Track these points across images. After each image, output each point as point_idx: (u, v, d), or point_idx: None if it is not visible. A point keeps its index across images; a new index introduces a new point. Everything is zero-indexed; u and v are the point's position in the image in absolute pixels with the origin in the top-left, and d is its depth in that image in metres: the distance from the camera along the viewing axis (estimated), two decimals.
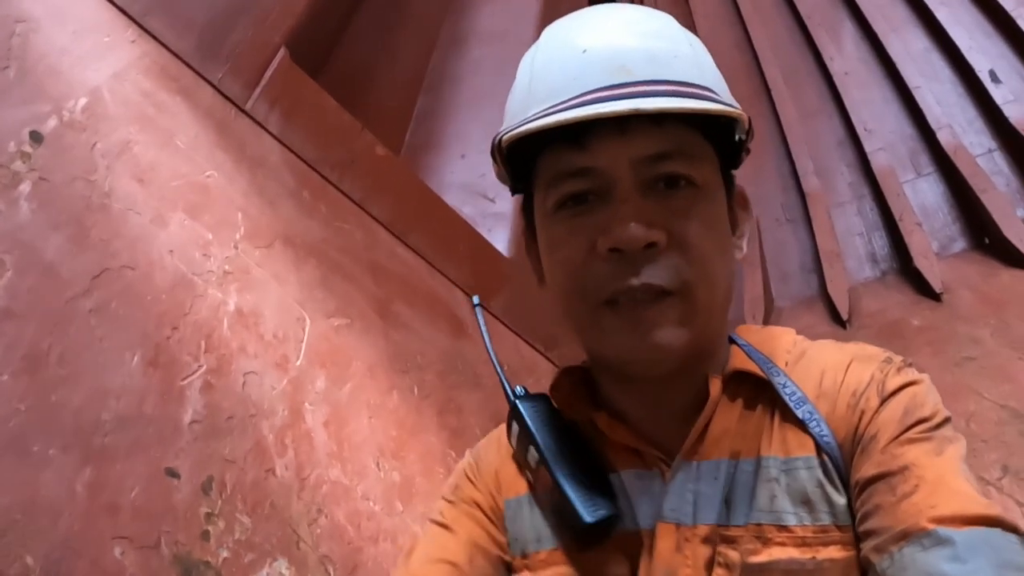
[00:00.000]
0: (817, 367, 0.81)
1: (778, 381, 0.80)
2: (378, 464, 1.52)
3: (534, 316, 2.46)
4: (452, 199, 2.46)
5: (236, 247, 1.52)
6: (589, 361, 0.89)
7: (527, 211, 0.88)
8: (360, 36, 2.48)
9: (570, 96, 0.75)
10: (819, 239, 3.69)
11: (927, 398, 0.76)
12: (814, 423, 0.77)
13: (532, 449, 0.83)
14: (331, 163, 1.92)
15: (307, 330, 1.61)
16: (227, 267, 1.47)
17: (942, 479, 0.68)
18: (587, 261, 0.76)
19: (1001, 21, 3.91)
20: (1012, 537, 0.64)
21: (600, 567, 0.80)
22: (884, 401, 0.76)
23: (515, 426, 0.86)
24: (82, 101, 1.30)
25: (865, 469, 0.72)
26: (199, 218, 1.44)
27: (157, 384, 1.20)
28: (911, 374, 0.79)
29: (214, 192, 1.51)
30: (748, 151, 0.86)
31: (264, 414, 1.38)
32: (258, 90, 1.67)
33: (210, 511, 1.13)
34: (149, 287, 1.28)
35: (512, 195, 0.90)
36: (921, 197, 3.71)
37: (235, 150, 1.59)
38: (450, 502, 0.91)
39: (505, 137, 0.78)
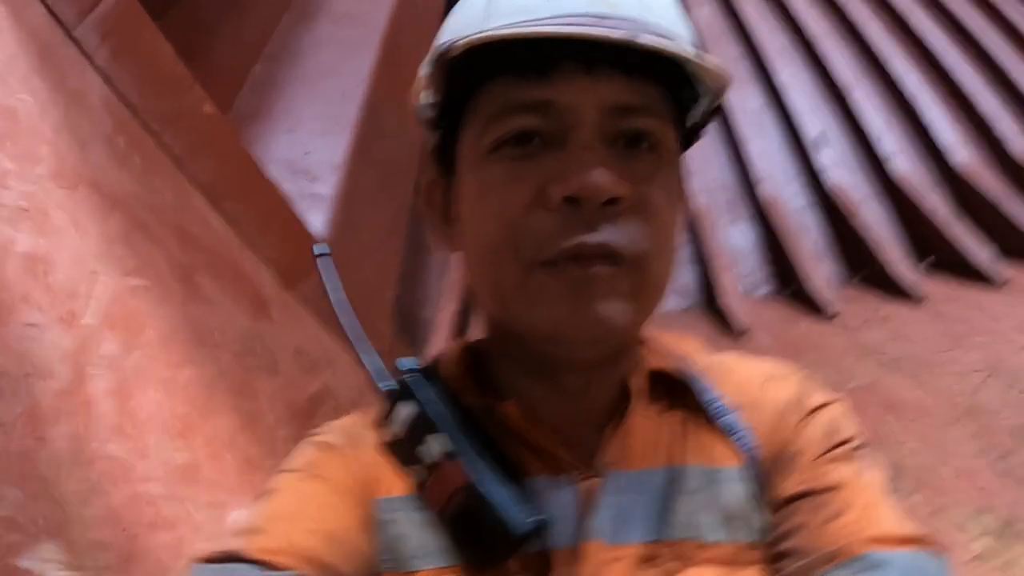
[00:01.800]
0: (733, 378, 0.76)
1: (698, 386, 0.74)
2: (163, 444, 1.41)
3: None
4: (273, 174, 2.34)
5: (36, 183, 1.36)
6: (488, 341, 0.76)
7: (442, 154, 0.75)
8: None
9: (544, 16, 0.63)
10: None
11: (846, 419, 0.74)
12: (739, 434, 0.72)
13: (432, 440, 0.68)
14: (155, 113, 1.77)
15: (101, 287, 1.47)
16: (23, 203, 1.32)
17: (870, 501, 0.66)
18: (528, 212, 0.64)
19: (836, 92, 4.30)
20: (941, 559, 0.64)
21: None
22: (805, 418, 0.73)
23: (400, 409, 0.71)
24: None
25: (787, 486, 0.69)
26: (1, 146, 1.28)
27: None
28: (828, 394, 0.76)
29: (23, 119, 1.34)
30: (700, 136, 0.77)
31: (41, 374, 1.24)
32: (91, 17, 1.51)
33: None
34: None
35: (432, 129, 0.76)
36: (734, 241, 3.98)
37: (54, 79, 1.43)
38: (301, 478, 0.71)
39: (460, 44, 0.64)
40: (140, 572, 1.19)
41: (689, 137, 0.75)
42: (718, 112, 0.74)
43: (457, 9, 0.73)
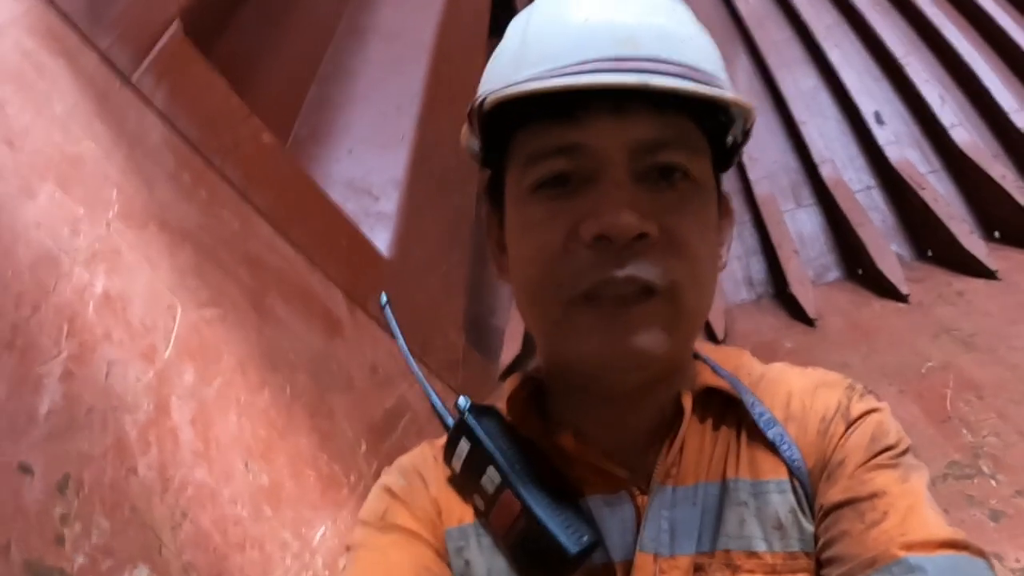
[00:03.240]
0: (783, 390, 0.79)
1: (747, 400, 0.76)
2: (246, 466, 1.45)
3: (411, 321, 2.42)
4: (336, 194, 2.39)
5: (108, 226, 1.42)
6: (543, 368, 0.81)
7: (493, 190, 0.80)
8: (257, 18, 2.38)
9: (568, 63, 0.67)
10: None
11: (891, 425, 0.75)
12: (785, 446, 0.74)
13: (491, 471, 0.72)
14: (215, 147, 1.83)
15: (177, 320, 1.52)
16: (97, 246, 1.37)
17: (911, 507, 0.67)
18: (566, 248, 0.68)
19: (889, 66, 4.18)
20: (980, 562, 0.65)
21: None
22: (850, 427, 0.74)
23: (462, 445, 0.76)
24: None
25: (831, 495, 0.71)
26: (71, 192, 1.34)
27: (12, 369, 1.10)
28: (873, 401, 0.78)
29: (89, 165, 1.40)
30: (740, 154, 0.80)
31: (127, 408, 1.29)
32: (146, 62, 1.57)
33: (65, 512, 1.04)
34: (10, 262, 1.17)
35: (481, 167, 0.82)
36: (800, 226, 3.90)
37: (115, 123, 1.49)
38: (378, 529, 0.77)
39: (490, 99, 0.69)
40: None
41: (731, 153, 0.79)
42: (750, 131, 0.78)
43: (494, 56, 0.78)
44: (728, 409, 0.77)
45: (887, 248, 3.56)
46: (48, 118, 1.32)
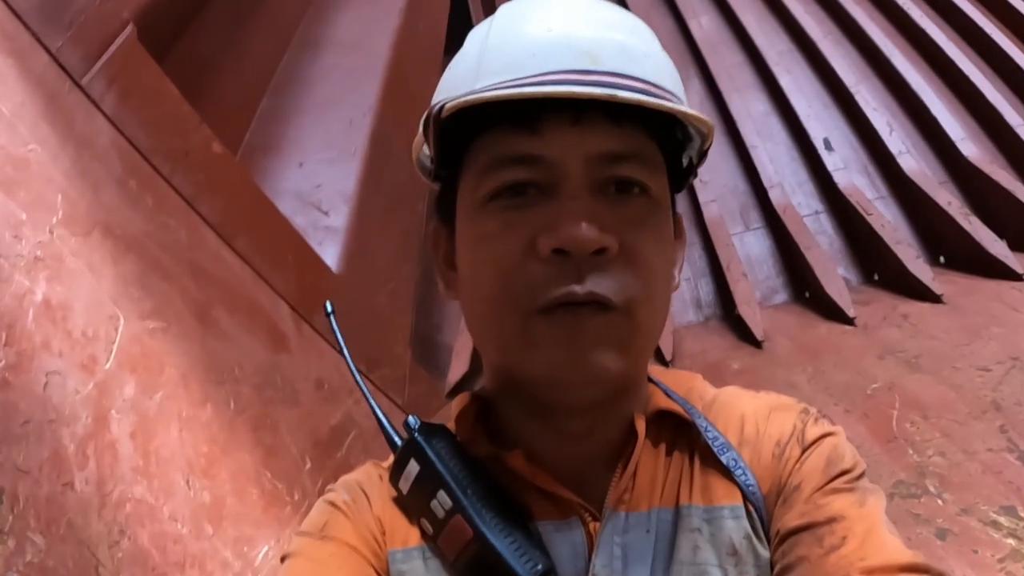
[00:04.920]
0: (736, 414, 0.77)
1: (700, 424, 0.75)
2: (187, 482, 1.41)
3: (358, 336, 2.39)
4: (285, 207, 2.36)
5: (51, 232, 1.38)
6: (492, 387, 0.78)
7: (443, 205, 0.77)
8: (211, 25, 2.35)
9: (528, 74, 0.66)
10: None
11: (846, 450, 0.74)
12: (740, 471, 0.73)
13: (441, 495, 0.70)
14: (163, 154, 1.79)
15: (120, 330, 1.48)
16: (39, 252, 1.33)
17: (869, 531, 0.67)
18: (522, 261, 0.66)
19: (840, 94, 4.29)
20: None
21: None
22: (805, 451, 0.73)
23: (411, 465, 0.73)
24: None
25: (788, 519, 0.69)
26: (14, 195, 1.30)
27: None
28: (827, 425, 0.77)
29: (34, 168, 1.36)
30: (696, 174, 0.80)
31: (65, 420, 1.25)
32: (98, 65, 1.53)
33: None
34: None
35: (432, 180, 0.79)
36: (748, 249, 3.97)
37: (63, 126, 1.45)
38: (318, 539, 0.73)
39: (448, 106, 0.66)
40: None
41: (687, 173, 0.78)
42: (707, 153, 0.77)
43: (452, 65, 0.76)
44: (680, 433, 0.76)
45: (834, 272, 3.64)
46: None
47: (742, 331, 3.50)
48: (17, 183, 1.31)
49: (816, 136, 4.16)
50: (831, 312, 3.45)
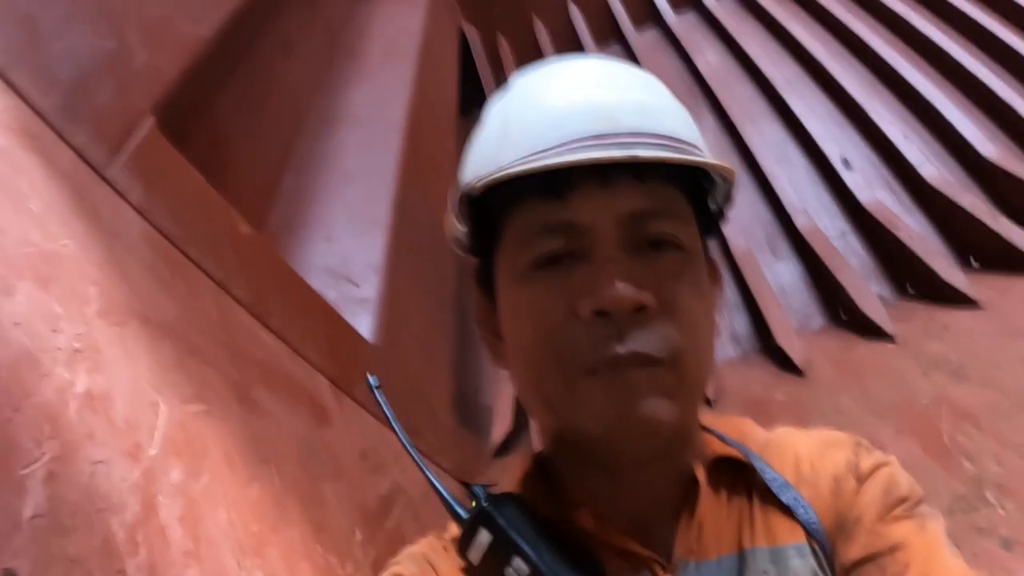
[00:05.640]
0: (790, 453, 0.78)
1: (758, 465, 0.76)
2: (239, 563, 1.40)
3: (398, 404, 2.37)
4: (316, 282, 2.38)
5: (88, 323, 1.39)
6: (549, 448, 0.80)
7: (483, 278, 0.81)
8: (228, 108, 2.41)
9: (551, 145, 0.68)
10: None
11: (902, 478, 0.75)
12: (802, 509, 0.73)
13: (517, 562, 0.70)
14: (192, 239, 1.82)
15: (161, 416, 1.48)
16: (77, 344, 1.34)
17: (931, 556, 0.67)
18: (565, 324, 0.69)
19: (852, 111, 4.28)
20: None
21: None
22: (862, 483, 0.74)
23: (481, 535, 0.73)
24: None
25: (851, 552, 0.70)
26: (49, 289, 1.31)
27: None
28: (881, 456, 0.78)
29: (67, 262, 1.38)
30: (725, 217, 0.83)
31: (113, 508, 1.24)
32: (121, 157, 1.57)
33: None
34: None
35: (468, 255, 0.83)
36: (780, 278, 3.92)
37: (92, 219, 1.48)
38: None
39: (479, 185, 0.70)
40: None
41: (715, 218, 0.83)
42: (732, 196, 0.81)
43: (475, 143, 0.79)
44: (738, 478, 0.77)
45: (868, 290, 3.59)
46: (25, 216, 1.31)
47: (782, 361, 3.44)
48: (52, 279, 1.33)
49: (834, 156, 4.13)
50: (869, 331, 3.39)
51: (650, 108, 0.73)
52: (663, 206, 0.72)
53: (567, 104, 0.72)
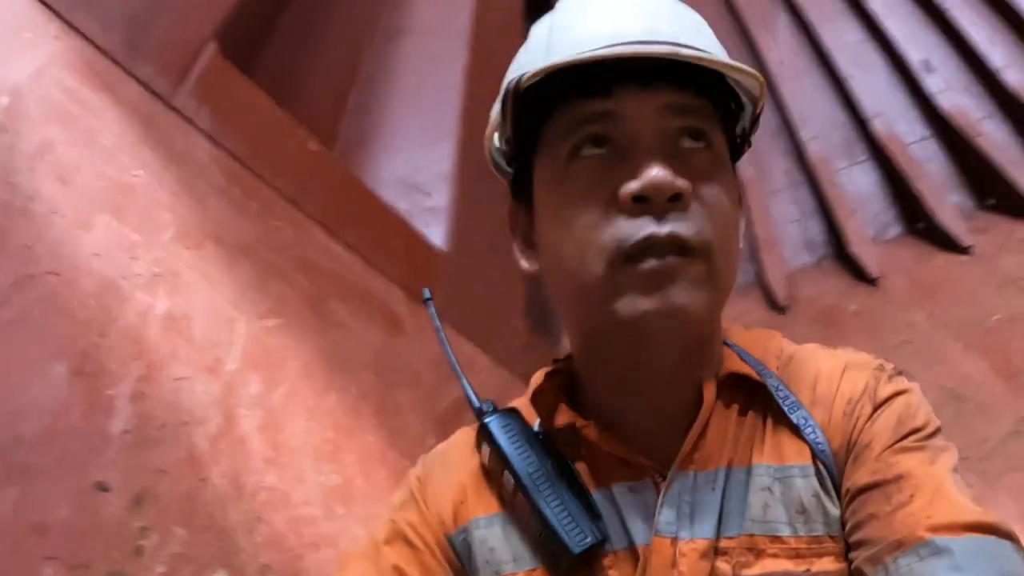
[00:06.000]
0: (810, 372, 0.79)
1: (772, 384, 0.78)
2: (316, 468, 1.50)
3: (472, 312, 2.44)
4: (387, 194, 2.43)
5: (165, 248, 1.47)
6: (576, 355, 0.83)
7: (519, 185, 0.84)
8: (291, 29, 2.43)
9: (597, 46, 0.72)
10: (756, 227, 3.74)
11: (919, 407, 0.75)
12: (809, 429, 0.75)
13: (507, 473, 0.77)
14: (262, 160, 1.87)
15: (239, 332, 1.57)
16: (156, 269, 1.43)
17: (937, 489, 0.68)
18: (605, 215, 0.72)
19: (934, 12, 4.02)
20: (1007, 544, 0.65)
21: None
22: (877, 409, 0.75)
23: (484, 446, 0.81)
24: (3, 101, 1.24)
25: (858, 477, 0.71)
26: (125, 220, 1.39)
27: (84, 394, 1.16)
28: (902, 382, 0.78)
29: (141, 192, 1.46)
30: (751, 144, 0.85)
31: (197, 421, 1.34)
32: (186, 86, 1.62)
33: (144, 525, 1.10)
34: (74, 293, 1.23)
35: (507, 167, 0.87)
36: (856, 184, 3.78)
37: (163, 148, 1.54)
38: (392, 519, 0.84)
39: (526, 77, 0.72)
40: None
41: (741, 146, 0.84)
42: (759, 120, 0.82)
43: (521, 51, 0.82)
44: (755, 395, 0.78)
45: (946, 200, 3.44)
46: (97, 151, 1.38)
47: (856, 270, 3.36)
48: (127, 208, 1.40)
49: (914, 59, 3.88)
50: (946, 243, 3.26)
51: (688, 26, 0.77)
52: (699, 105, 0.74)
53: (611, 15, 0.75)
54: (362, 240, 2.16)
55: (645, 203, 0.70)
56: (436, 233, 2.52)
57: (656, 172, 0.69)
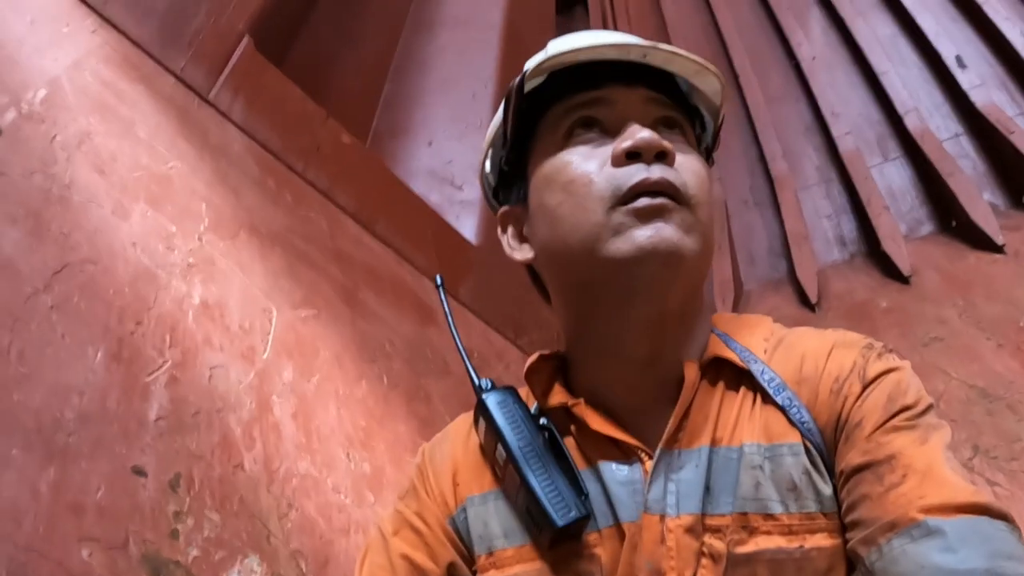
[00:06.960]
0: (796, 353, 0.81)
1: (756, 369, 0.80)
2: (347, 455, 1.52)
3: (502, 303, 2.46)
4: (419, 186, 2.45)
5: (200, 238, 1.50)
6: (567, 339, 0.89)
7: (510, 187, 0.92)
8: (324, 22, 2.45)
9: (588, 45, 0.84)
10: (787, 222, 3.70)
11: (910, 385, 0.76)
12: (795, 409, 0.77)
13: (500, 447, 0.81)
14: (296, 151, 1.90)
15: (274, 321, 1.59)
16: (191, 259, 1.45)
17: (929, 468, 0.68)
18: (602, 171, 0.80)
19: (967, 7, 3.95)
20: (1000, 524, 0.65)
21: (572, 562, 0.77)
22: (866, 387, 0.75)
23: (480, 422, 0.85)
24: (41, 92, 1.27)
25: (850, 458, 0.72)
26: (162, 209, 1.42)
27: (121, 380, 1.18)
28: (892, 360, 0.78)
29: (176, 182, 1.48)
30: (713, 162, 0.94)
31: (231, 407, 1.37)
32: (221, 79, 1.65)
33: (178, 509, 1.12)
34: (111, 281, 1.25)
35: (502, 163, 0.93)
36: (888, 180, 3.74)
37: (197, 139, 1.57)
38: (397, 509, 0.90)
39: (530, 71, 0.84)
40: (338, 574, 1.29)
41: (707, 161, 0.92)
42: (719, 135, 0.93)
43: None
44: (740, 377, 0.81)
45: (980, 198, 3.38)
46: (133, 142, 1.40)
47: (888, 267, 3.32)
48: (163, 199, 1.43)
49: (948, 54, 3.82)
50: (979, 241, 3.21)
51: (661, 47, 0.85)
52: (674, 105, 0.86)
53: (597, 34, 0.89)
54: (394, 231, 2.18)
55: (637, 158, 0.79)
56: (467, 225, 2.53)
57: (645, 132, 0.79)
